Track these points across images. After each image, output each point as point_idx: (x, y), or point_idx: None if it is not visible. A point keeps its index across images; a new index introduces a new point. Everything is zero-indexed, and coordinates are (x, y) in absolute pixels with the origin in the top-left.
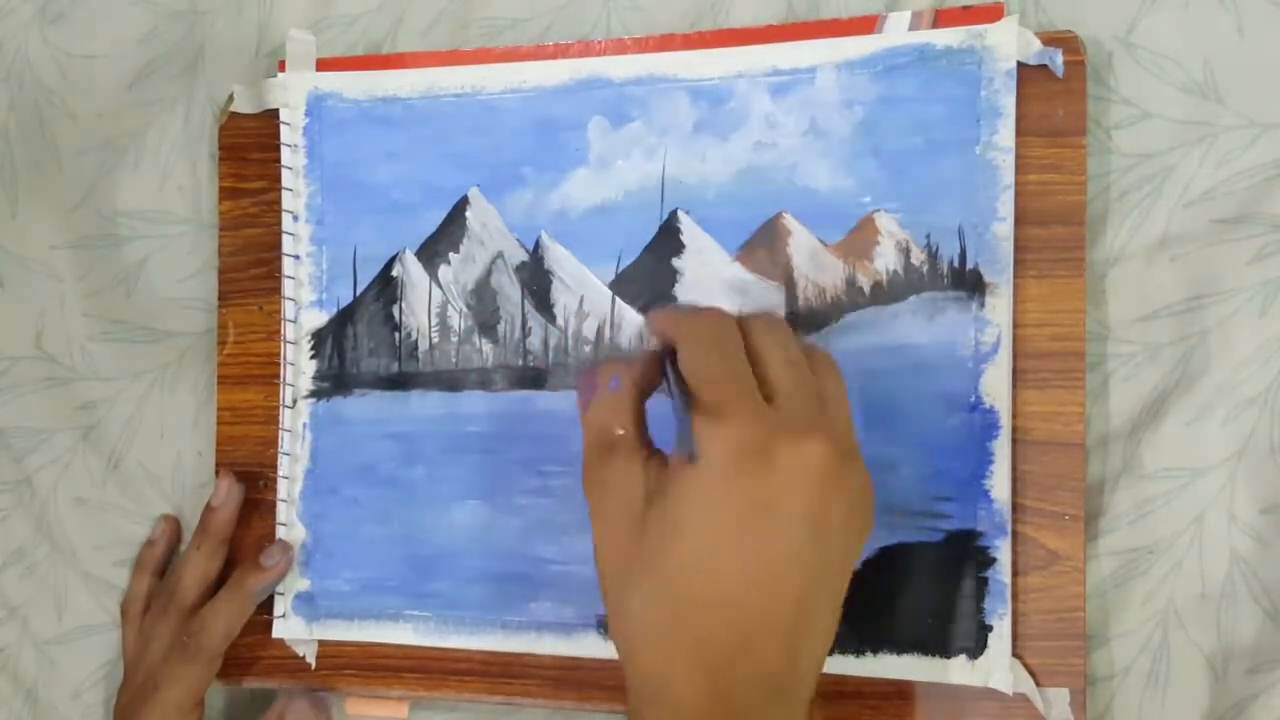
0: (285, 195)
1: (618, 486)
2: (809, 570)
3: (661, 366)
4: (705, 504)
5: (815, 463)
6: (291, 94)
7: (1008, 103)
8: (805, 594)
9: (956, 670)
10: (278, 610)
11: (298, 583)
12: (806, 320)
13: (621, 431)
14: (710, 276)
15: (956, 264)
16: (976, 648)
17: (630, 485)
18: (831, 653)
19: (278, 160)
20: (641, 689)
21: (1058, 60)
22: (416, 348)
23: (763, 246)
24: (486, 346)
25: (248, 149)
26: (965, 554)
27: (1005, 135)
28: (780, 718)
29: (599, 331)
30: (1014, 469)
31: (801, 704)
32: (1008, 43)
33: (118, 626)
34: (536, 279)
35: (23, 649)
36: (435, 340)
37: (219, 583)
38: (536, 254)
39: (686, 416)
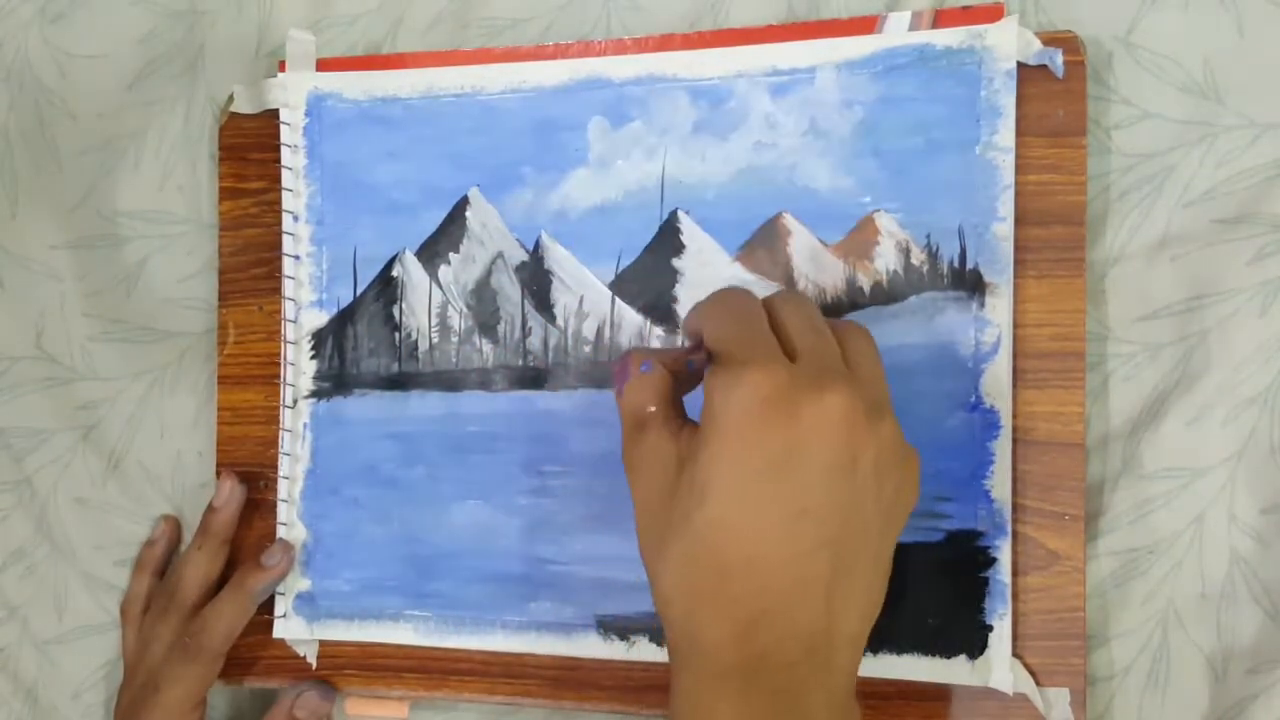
0: (285, 195)
1: (651, 459)
2: (838, 524)
3: (693, 345)
4: (728, 460)
5: (839, 414)
6: (291, 94)
7: (1008, 102)
8: (839, 550)
9: (957, 670)
10: (278, 610)
11: (298, 583)
12: None
13: (653, 409)
14: (710, 276)
15: (956, 264)
16: (977, 648)
17: (663, 456)
18: None
19: (278, 160)
20: (678, 649)
21: (1058, 60)
22: (416, 348)
23: (763, 246)
24: (486, 346)
25: (248, 149)
26: (965, 554)
27: (1005, 135)
28: (817, 680)
29: (599, 331)
30: (1014, 469)
31: (841, 668)
32: (1007, 43)
33: (118, 627)
34: (536, 279)
35: (22, 649)
36: (435, 340)
37: (220, 583)
38: (536, 254)
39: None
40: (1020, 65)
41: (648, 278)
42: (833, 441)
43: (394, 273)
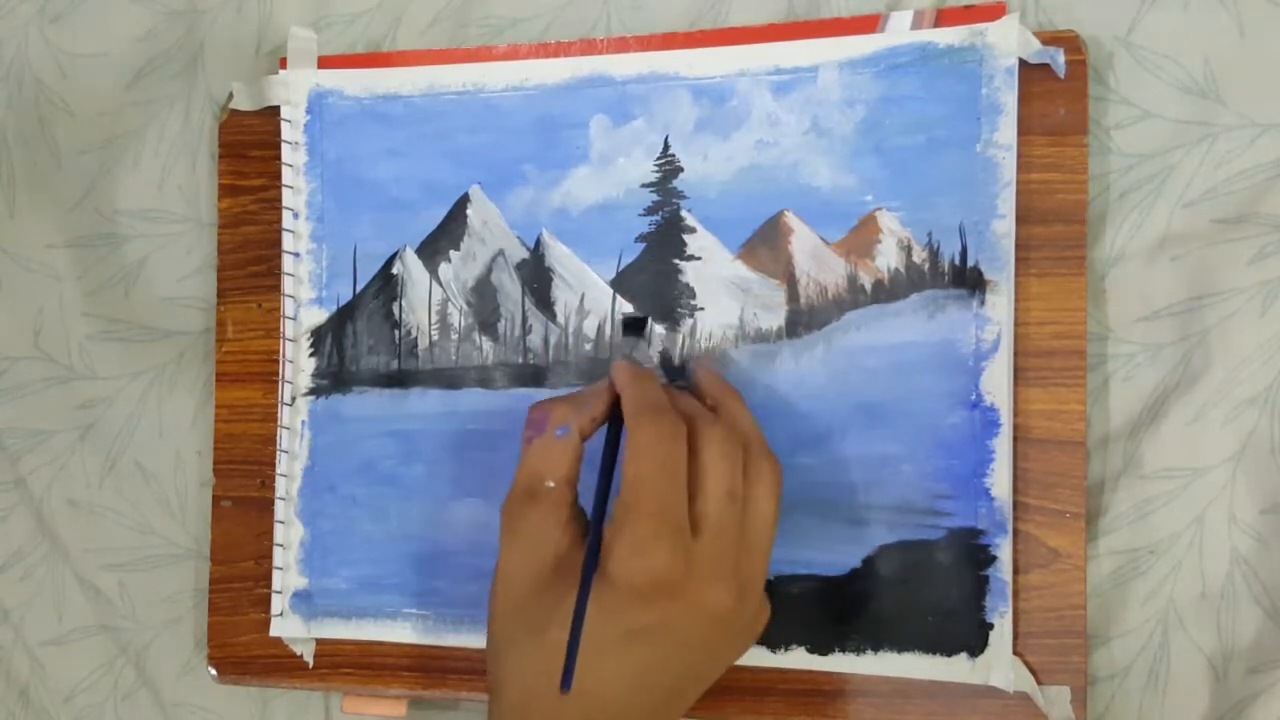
0: (285, 192)
1: (532, 538)
2: (677, 686)
3: (611, 405)
4: (602, 611)
5: (718, 608)
6: (293, 91)
7: (1009, 100)
8: (668, 702)
9: (957, 668)
10: (275, 609)
11: (295, 581)
12: (808, 319)
13: (551, 484)
14: (712, 274)
15: (957, 262)
16: (977, 646)
17: (545, 542)
18: (833, 651)
19: (277, 157)
20: (496, 714)
21: (1059, 59)
22: (416, 345)
23: (764, 244)
24: (487, 344)
25: (248, 146)
26: (966, 552)
27: (1006, 133)
28: None
29: (599, 329)
30: (1015, 467)
31: None
32: (1008, 41)
33: (110, 630)
34: (537, 277)
35: (15, 651)
36: (435, 338)
37: None
38: (537, 252)
39: (600, 520)
40: (1022, 65)
41: (649, 276)
42: (701, 629)
43: (394, 270)
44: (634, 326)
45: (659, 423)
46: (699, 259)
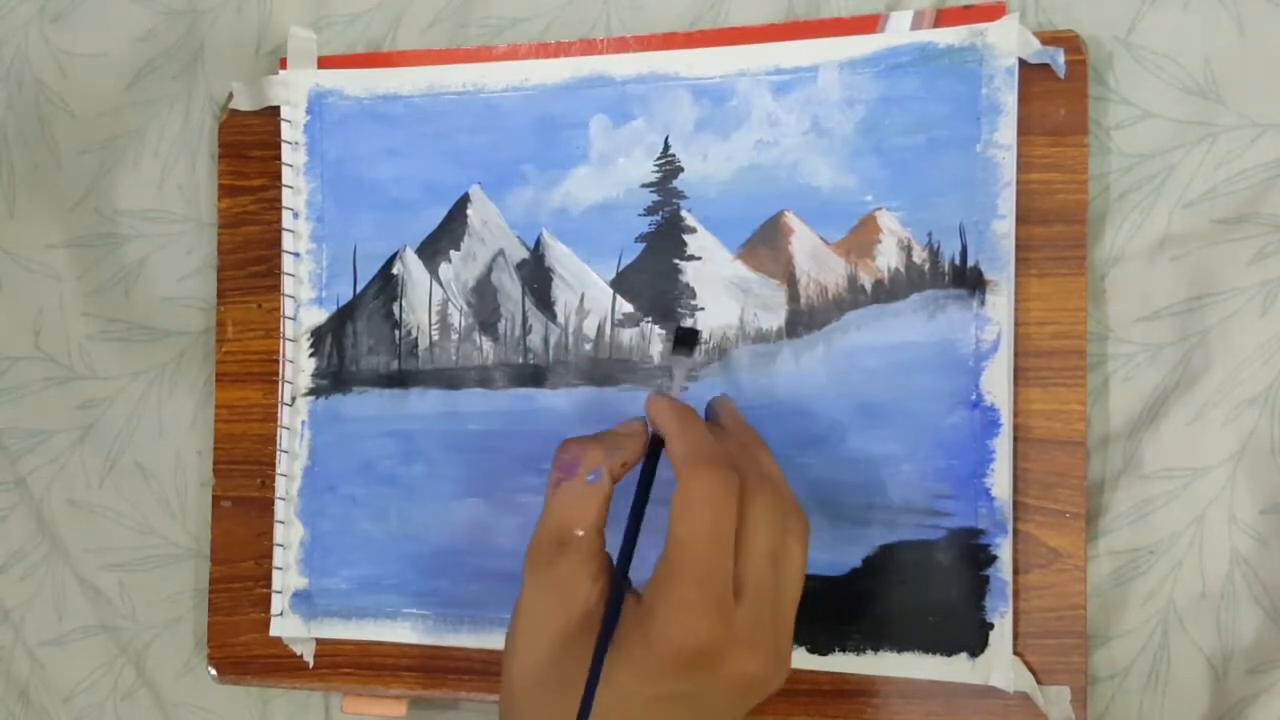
0: (285, 192)
1: (558, 592)
2: None
3: (646, 448)
4: (636, 675)
5: (753, 677)
6: (293, 91)
7: (1008, 100)
8: None
9: (957, 668)
10: (275, 609)
11: (295, 581)
12: (808, 319)
13: (581, 533)
14: (712, 274)
15: (957, 261)
16: (977, 646)
17: (571, 598)
18: (833, 650)
19: (278, 157)
20: None
21: (1059, 60)
22: (416, 345)
23: (764, 244)
24: (487, 344)
25: (248, 146)
26: (966, 552)
27: (1006, 133)
28: None
29: (600, 329)
30: (1015, 467)
31: None
32: (1008, 41)
33: (110, 630)
34: (537, 276)
35: (15, 651)
36: (435, 338)
37: None
38: (537, 251)
39: (625, 570)
40: (1022, 65)
41: (649, 275)
42: (734, 696)
43: (394, 270)
44: (687, 340)
45: (714, 477)
46: (699, 259)
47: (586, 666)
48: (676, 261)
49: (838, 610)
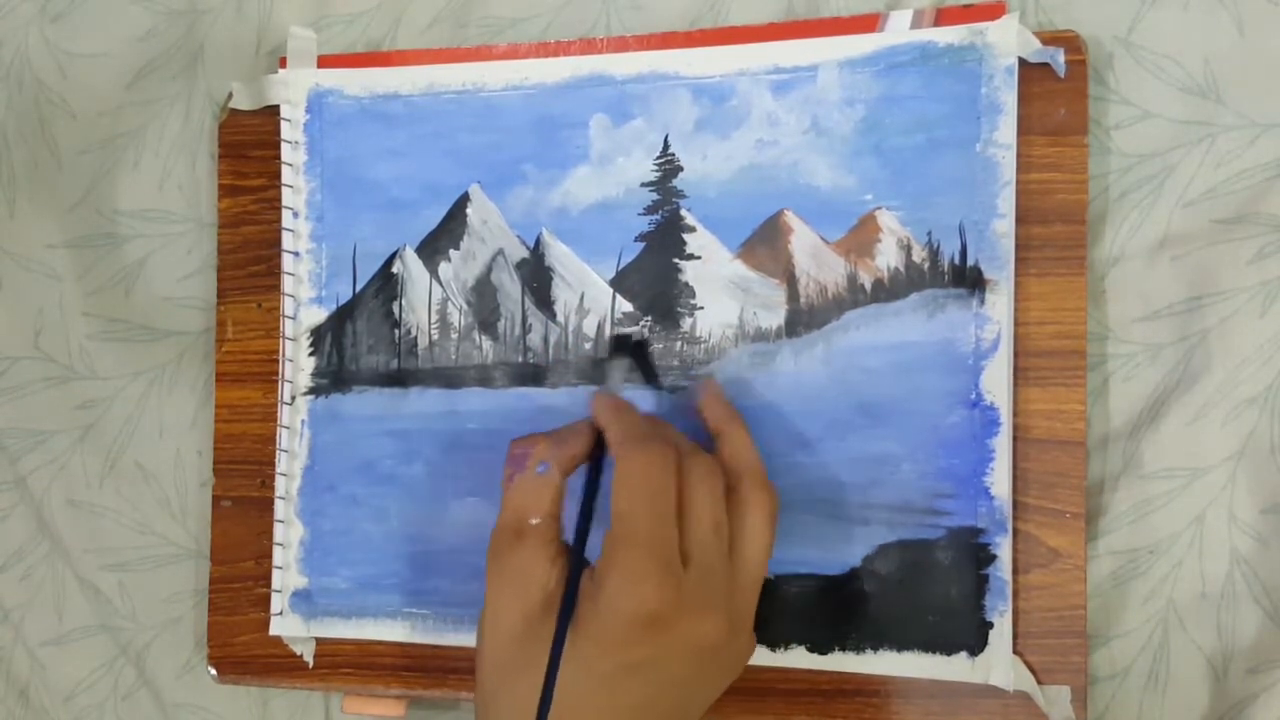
0: (285, 192)
1: (518, 578)
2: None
3: (591, 442)
4: (593, 646)
5: (709, 641)
6: (293, 91)
7: (1008, 99)
8: None
9: (957, 668)
10: (275, 608)
11: (295, 580)
12: (808, 318)
13: (536, 521)
14: (711, 274)
15: (957, 261)
16: (977, 645)
17: (530, 582)
18: (832, 650)
19: (277, 157)
20: None
21: (1059, 59)
22: (416, 344)
23: (764, 244)
24: (486, 343)
25: (248, 146)
26: (966, 551)
27: (1005, 132)
28: None
29: (599, 329)
30: (1015, 466)
31: None
32: (1008, 40)
33: (111, 629)
34: (537, 276)
35: (15, 651)
36: (435, 337)
37: None
38: (537, 251)
39: (580, 556)
40: (1022, 64)
41: (649, 275)
42: (689, 661)
43: (394, 269)
44: (622, 347)
45: (647, 452)
46: (699, 258)
47: (549, 645)
48: (676, 261)
49: (837, 609)
